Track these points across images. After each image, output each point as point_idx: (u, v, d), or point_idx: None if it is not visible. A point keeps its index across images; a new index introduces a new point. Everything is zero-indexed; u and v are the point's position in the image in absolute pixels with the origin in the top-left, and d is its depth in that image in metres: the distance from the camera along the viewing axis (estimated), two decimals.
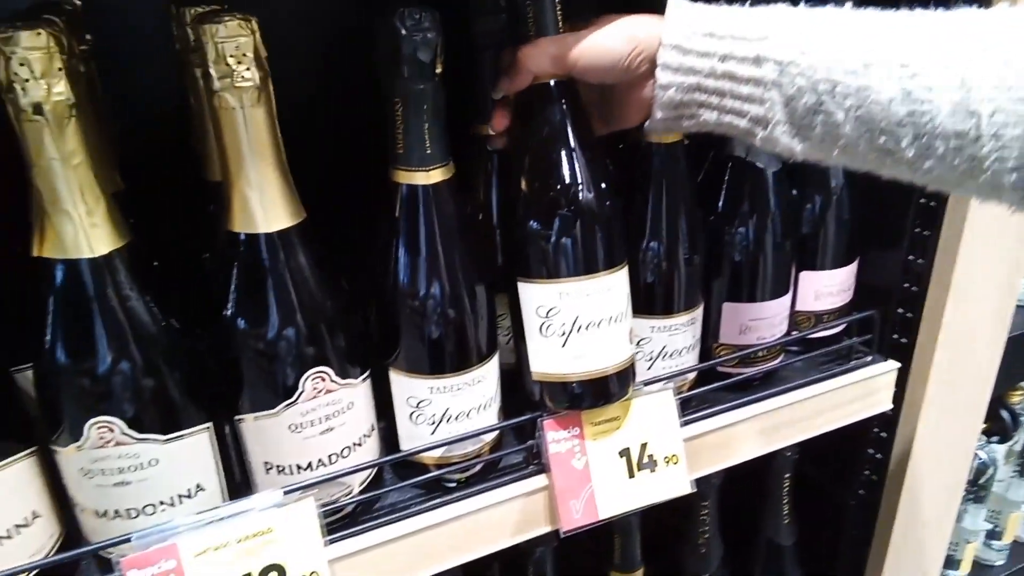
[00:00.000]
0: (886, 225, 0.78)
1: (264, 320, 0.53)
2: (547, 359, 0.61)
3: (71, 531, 0.57)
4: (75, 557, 0.53)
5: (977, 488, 1.11)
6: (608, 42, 0.54)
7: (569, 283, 0.58)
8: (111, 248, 0.49)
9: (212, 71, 0.48)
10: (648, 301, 0.67)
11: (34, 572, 0.54)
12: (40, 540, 0.55)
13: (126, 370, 0.50)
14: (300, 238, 0.53)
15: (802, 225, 0.76)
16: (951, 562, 1.15)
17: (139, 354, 0.51)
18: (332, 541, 0.59)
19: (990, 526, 1.20)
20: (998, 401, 1.11)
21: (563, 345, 0.60)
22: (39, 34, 0.44)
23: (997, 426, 1.11)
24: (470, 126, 0.68)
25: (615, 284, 0.59)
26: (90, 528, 0.55)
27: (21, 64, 0.44)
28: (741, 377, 0.75)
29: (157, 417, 0.52)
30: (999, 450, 1.11)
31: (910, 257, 0.77)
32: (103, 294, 0.49)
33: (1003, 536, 1.21)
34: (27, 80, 0.44)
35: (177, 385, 0.53)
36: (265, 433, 0.56)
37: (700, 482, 0.87)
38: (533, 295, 0.59)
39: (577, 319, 0.59)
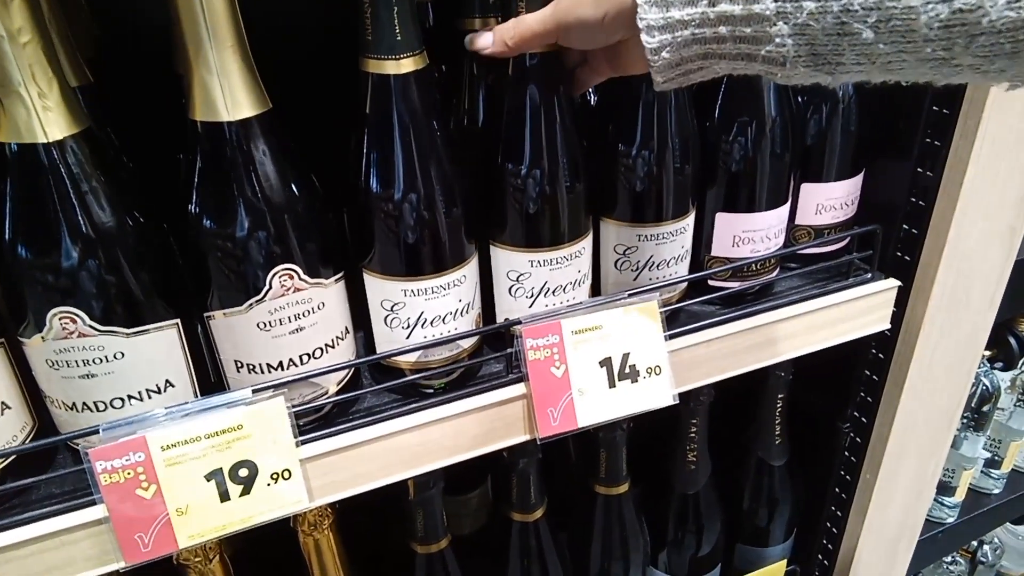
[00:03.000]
0: (895, 135, 0.74)
1: (228, 214, 0.52)
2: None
3: (45, 425, 0.58)
4: (43, 446, 0.53)
5: (978, 416, 1.09)
6: (579, 10, 0.49)
7: (540, 253, 0.62)
8: (66, 134, 0.48)
9: None
10: (636, 208, 0.65)
11: (7, 461, 0.54)
12: (11, 431, 0.55)
13: (84, 260, 0.49)
14: (264, 128, 0.51)
15: (804, 134, 0.73)
16: (946, 488, 1.14)
17: (98, 244, 0.49)
18: (305, 441, 0.59)
19: (989, 455, 1.19)
20: (1006, 327, 1.08)
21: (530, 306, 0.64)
22: None
23: (1003, 353, 1.08)
24: (453, 19, 0.64)
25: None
26: (61, 421, 0.56)
27: None
28: (733, 291, 0.72)
29: (120, 310, 0.51)
30: (1003, 377, 1.09)
31: (919, 169, 0.73)
32: (58, 180, 0.47)
33: (1002, 465, 1.20)
34: None
35: (140, 278, 0.52)
36: (234, 331, 0.55)
37: (690, 399, 0.87)
38: (506, 260, 0.62)
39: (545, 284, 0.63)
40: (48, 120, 0.47)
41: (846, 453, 0.93)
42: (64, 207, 0.48)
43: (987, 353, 1.10)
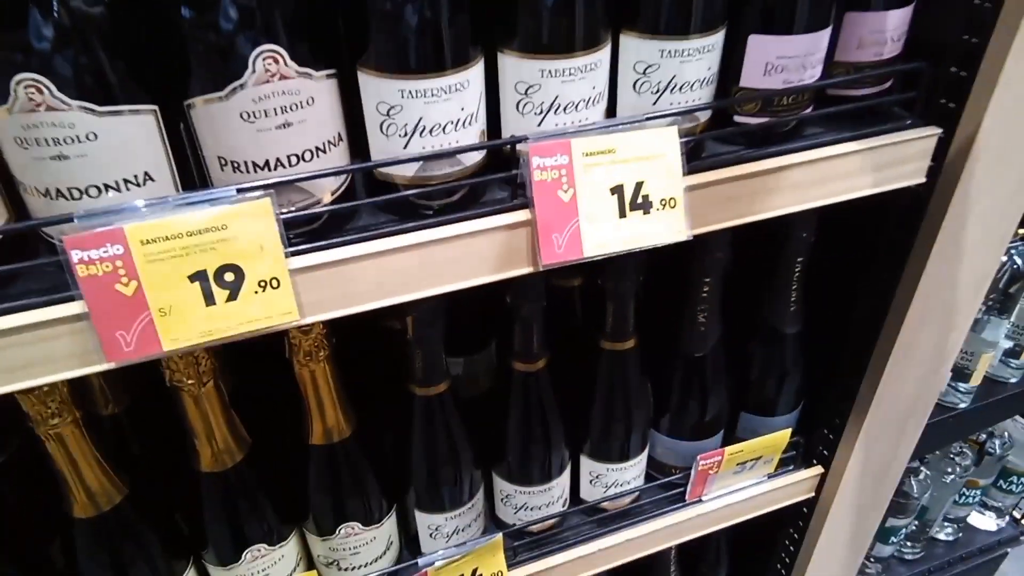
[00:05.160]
0: None
1: None
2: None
3: (23, 220, 0.55)
4: (13, 231, 0.51)
5: (1004, 298, 1.05)
6: None
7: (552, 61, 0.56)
8: None
9: None
10: (660, 18, 0.59)
11: None
12: None
13: (52, 26, 0.45)
14: None
15: None
16: (962, 374, 1.11)
17: (66, 10, 0.45)
18: (296, 254, 0.56)
19: (1010, 344, 1.16)
20: None
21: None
22: None
23: None
24: None
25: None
26: (37, 210, 0.53)
27: None
28: (760, 125, 0.67)
29: (91, 84, 0.47)
30: None
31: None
32: None
33: (1023, 355, 1.17)
34: None
35: (114, 52, 0.47)
36: (216, 121, 0.51)
37: (705, 255, 0.83)
38: (515, 69, 0.57)
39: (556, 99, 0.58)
40: None
41: (865, 319, 0.89)
42: None
43: (1021, 231, 1.04)
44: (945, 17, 0.69)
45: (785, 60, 0.63)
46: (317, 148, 0.55)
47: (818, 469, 1.03)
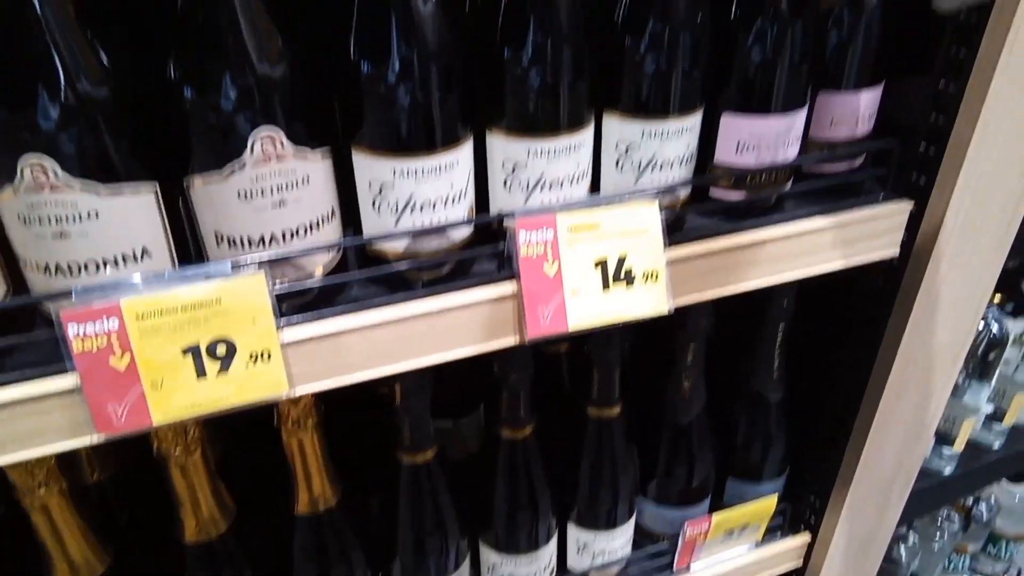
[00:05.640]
0: (918, 44, 0.70)
1: (210, 71, 0.49)
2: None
3: (20, 293, 0.56)
4: (13, 306, 0.52)
5: (983, 363, 1.07)
6: None
7: (538, 141, 0.59)
8: None
9: None
10: (641, 100, 0.62)
11: None
12: None
13: (60, 109, 0.47)
14: None
15: (823, 38, 0.69)
16: (945, 438, 1.12)
17: (74, 93, 0.47)
18: (288, 325, 0.57)
19: (991, 407, 1.17)
20: (1019, 272, 1.05)
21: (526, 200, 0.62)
22: None
23: (1014, 299, 1.05)
24: None
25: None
26: (36, 285, 0.54)
27: None
28: (737, 202, 0.70)
29: (95, 166, 0.49)
30: (1012, 325, 1.06)
31: (941, 83, 0.70)
32: (34, 21, 0.45)
33: (1004, 419, 1.18)
34: None
35: (118, 133, 0.49)
36: (214, 199, 0.53)
37: (688, 322, 0.85)
38: (502, 148, 0.60)
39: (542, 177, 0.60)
40: None
41: (846, 388, 0.91)
42: (40, 53, 0.46)
43: (998, 298, 1.07)
44: (913, 98, 0.73)
45: (756, 139, 0.66)
46: (311, 224, 0.56)
47: (805, 537, 1.03)
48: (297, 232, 0.56)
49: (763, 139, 0.66)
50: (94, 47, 0.48)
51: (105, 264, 0.52)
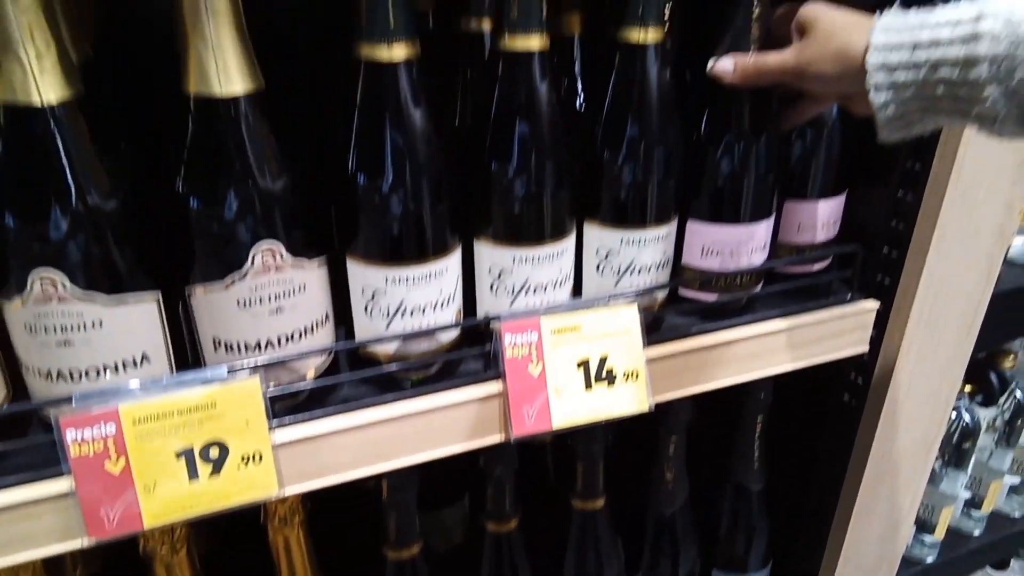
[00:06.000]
0: (876, 158, 0.75)
1: (214, 187, 0.52)
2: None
3: (20, 396, 0.57)
4: (16, 412, 0.53)
5: (958, 452, 1.09)
6: (820, 65, 0.57)
7: (523, 250, 0.63)
8: (60, 98, 0.48)
9: None
10: (619, 212, 0.66)
11: None
12: None
13: (69, 224, 0.49)
14: (255, 105, 0.52)
15: (787, 152, 0.74)
16: (925, 526, 1.13)
17: (84, 209, 0.50)
18: (280, 426, 0.59)
19: (969, 494, 1.19)
20: (987, 363, 1.08)
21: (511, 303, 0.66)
22: None
23: (984, 389, 1.08)
24: (458, 18, 0.66)
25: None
26: (36, 390, 0.55)
27: None
28: (709, 303, 0.73)
29: (101, 278, 0.51)
30: (983, 414, 1.09)
31: (899, 192, 0.75)
32: (49, 143, 0.48)
33: (983, 506, 1.20)
34: None
35: (124, 247, 0.52)
36: (214, 307, 0.55)
37: (669, 415, 0.87)
38: (489, 255, 0.64)
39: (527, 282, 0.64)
40: (44, 83, 0.48)
41: (824, 480, 0.93)
42: (53, 171, 0.49)
43: (968, 388, 1.10)
44: (875, 205, 0.78)
45: (719, 245, 0.71)
46: (305, 329, 0.59)
47: None
48: (292, 337, 0.58)
49: (725, 246, 0.70)
50: (105, 165, 0.51)
51: (106, 370, 0.54)
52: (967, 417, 1.06)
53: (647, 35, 0.61)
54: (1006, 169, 0.73)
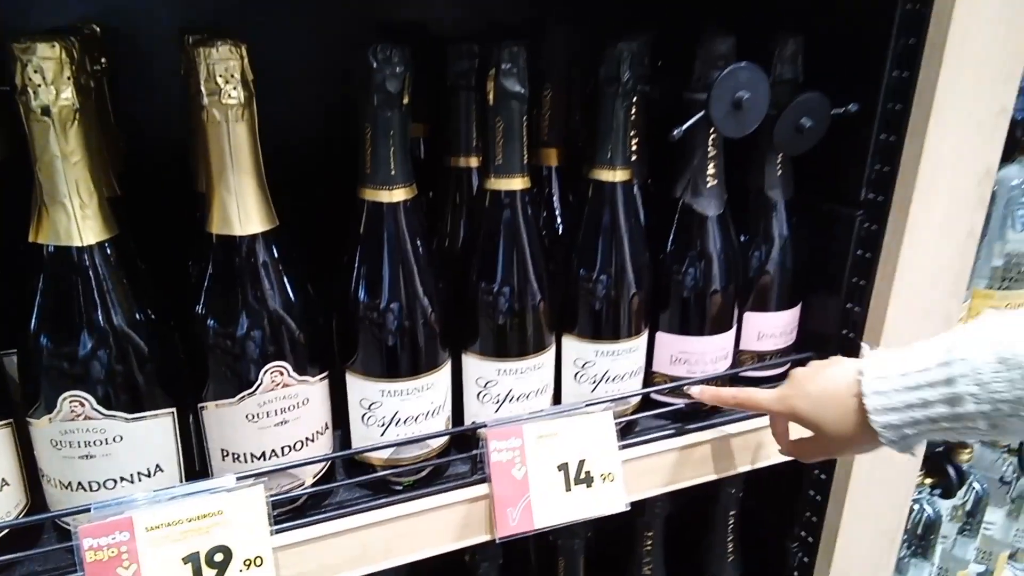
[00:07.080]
0: (827, 274, 0.83)
1: (232, 315, 0.58)
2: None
3: (38, 505, 0.62)
4: (37, 521, 0.57)
5: (922, 543, 1.14)
6: (821, 413, 0.64)
7: (507, 363, 0.69)
8: (99, 239, 0.55)
9: (202, 88, 0.54)
10: (594, 327, 0.72)
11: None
12: (6, 507, 0.59)
13: (100, 351, 0.55)
14: (271, 243, 0.59)
15: (746, 269, 0.82)
16: None
17: (113, 337, 0.56)
18: (280, 530, 0.63)
19: None
20: (944, 456, 1.14)
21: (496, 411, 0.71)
22: (53, 46, 0.50)
23: (943, 482, 1.14)
24: (444, 157, 0.74)
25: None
26: (55, 499, 0.60)
27: (35, 71, 0.50)
28: (679, 407, 0.79)
29: (125, 397, 0.57)
30: (944, 505, 1.14)
31: (848, 305, 0.82)
32: (85, 279, 0.54)
33: None
34: (39, 85, 0.50)
35: (146, 369, 0.58)
36: (224, 420, 0.61)
37: (645, 510, 0.91)
38: (476, 368, 0.70)
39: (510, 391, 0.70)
40: (85, 227, 0.54)
41: (795, 573, 0.97)
42: (87, 303, 0.55)
43: (928, 481, 1.16)
44: (827, 316, 0.85)
45: (685, 355, 0.78)
46: (307, 438, 0.64)
47: None
48: (294, 446, 0.63)
49: (692, 355, 0.77)
50: (134, 295, 0.57)
51: (122, 480, 0.59)
52: (929, 509, 1.12)
53: (615, 175, 0.70)
54: (943, 284, 0.81)
